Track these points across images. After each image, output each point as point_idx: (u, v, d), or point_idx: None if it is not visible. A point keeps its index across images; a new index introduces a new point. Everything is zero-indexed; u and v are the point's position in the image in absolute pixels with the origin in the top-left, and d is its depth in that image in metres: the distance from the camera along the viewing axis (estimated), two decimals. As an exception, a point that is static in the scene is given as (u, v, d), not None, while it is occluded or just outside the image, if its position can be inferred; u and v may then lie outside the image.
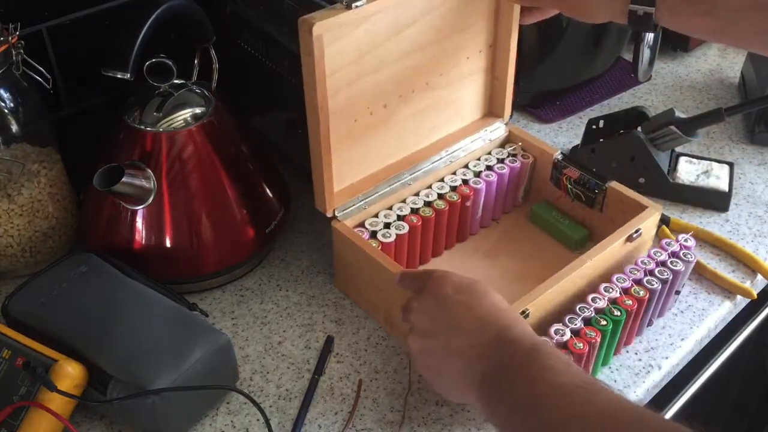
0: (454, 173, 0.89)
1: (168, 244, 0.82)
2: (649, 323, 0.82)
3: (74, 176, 0.89)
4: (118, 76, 0.73)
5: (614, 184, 0.86)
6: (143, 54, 0.75)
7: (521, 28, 0.88)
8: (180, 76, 0.82)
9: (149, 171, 0.79)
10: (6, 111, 0.80)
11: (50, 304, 0.74)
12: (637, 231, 0.80)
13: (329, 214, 0.81)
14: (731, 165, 1.00)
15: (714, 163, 1.00)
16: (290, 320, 0.83)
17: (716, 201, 0.97)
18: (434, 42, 0.83)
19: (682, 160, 1.01)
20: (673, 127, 0.93)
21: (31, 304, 0.75)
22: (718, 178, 0.98)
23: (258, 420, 0.73)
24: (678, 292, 0.83)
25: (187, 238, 0.82)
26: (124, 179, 0.75)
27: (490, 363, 0.59)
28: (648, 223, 0.81)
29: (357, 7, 0.71)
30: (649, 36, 1.01)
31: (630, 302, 0.74)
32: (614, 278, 0.76)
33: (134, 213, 0.81)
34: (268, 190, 0.89)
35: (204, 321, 0.76)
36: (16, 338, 0.71)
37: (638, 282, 0.77)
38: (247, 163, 0.87)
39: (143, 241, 0.82)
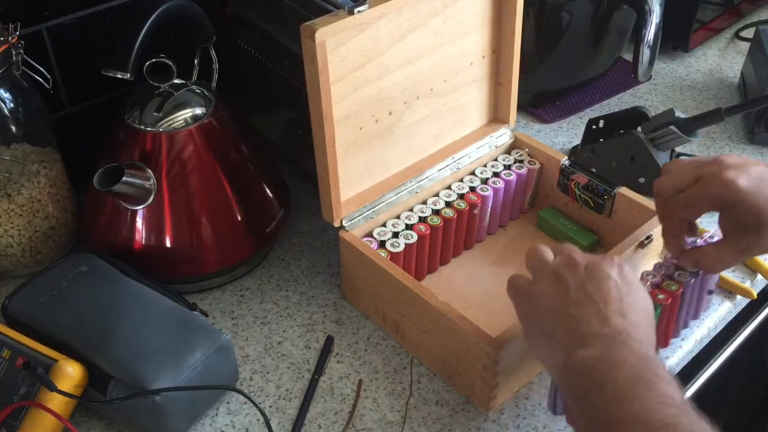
0: (461, 180, 0.89)
1: (168, 244, 0.82)
2: (685, 325, 0.80)
3: (74, 176, 0.89)
4: (118, 76, 0.74)
5: (623, 190, 0.85)
6: (143, 54, 0.75)
7: (522, 29, 0.88)
8: (180, 76, 0.82)
9: (149, 171, 0.79)
10: (6, 111, 0.80)
11: (50, 304, 0.75)
12: (648, 237, 0.79)
13: (336, 225, 0.81)
14: (731, 165, 1.00)
15: (714, 163, 1.00)
16: (290, 320, 0.83)
17: (716, 201, 0.97)
18: (437, 48, 0.83)
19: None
20: (673, 127, 0.93)
21: (31, 304, 0.75)
22: (718, 178, 0.98)
23: (258, 420, 0.73)
24: (711, 292, 0.81)
25: (187, 238, 0.82)
26: (124, 179, 0.75)
27: (608, 348, 0.55)
28: (659, 229, 0.81)
29: (359, 12, 0.71)
30: (650, 36, 1.01)
31: (663, 296, 0.72)
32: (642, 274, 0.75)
33: (134, 213, 0.81)
34: (268, 190, 0.89)
35: (204, 321, 0.76)
36: (16, 338, 0.71)
37: (669, 277, 0.75)
38: (247, 163, 0.87)
39: (143, 241, 0.82)
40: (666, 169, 0.71)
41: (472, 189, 0.88)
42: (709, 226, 0.83)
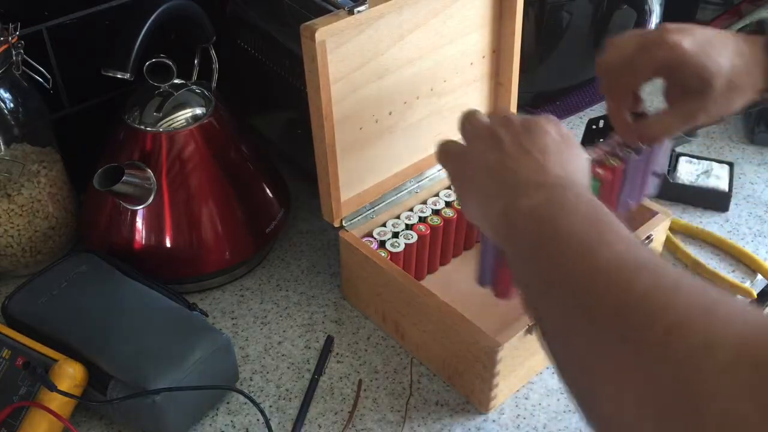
0: None
1: (168, 244, 0.82)
2: (626, 206, 0.76)
3: (74, 176, 0.89)
4: (118, 76, 0.74)
5: None
6: (143, 54, 0.75)
7: (522, 29, 0.88)
8: (180, 76, 0.82)
9: (149, 171, 0.79)
10: (6, 111, 0.80)
11: (50, 304, 0.75)
12: (648, 237, 0.79)
13: (336, 225, 0.81)
14: (731, 165, 1.00)
15: (714, 163, 1.00)
16: (290, 320, 0.83)
17: (716, 201, 0.97)
18: (438, 48, 0.83)
19: (682, 160, 1.01)
20: (673, 127, 0.93)
21: (31, 304, 0.75)
22: (718, 178, 0.98)
23: (258, 420, 0.73)
24: (657, 174, 0.78)
25: (187, 238, 0.82)
26: (124, 179, 0.75)
27: (554, 195, 0.50)
28: (659, 229, 0.81)
29: (359, 12, 0.71)
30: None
31: (603, 172, 0.70)
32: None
33: (134, 213, 0.81)
34: (268, 190, 0.89)
35: (204, 321, 0.76)
36: (16, 338, 0.71)
37: (613, 154, 0.71)
38: (247, 163, 0.87)
39: (143, 241, 0.82)
40: (609, 43, 0.68)
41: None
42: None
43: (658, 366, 0.36)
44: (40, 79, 0.81)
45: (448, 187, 0.88)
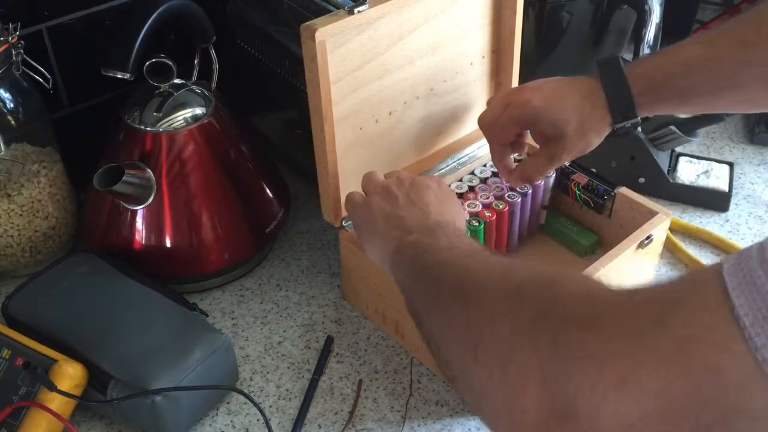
0: (461, 180, 0.89)
1: (168, 244, 0.82)
2: (521, 237, 0.88)
3: (74, 176, 0.89)
4: (118, 76, 0.74)
5: (624, 190, 0.85)
6: (143, 54, 0.75)
7: (522, 29, 0.88)
8: (180, 76, 0.82)
9: (149, 171, 0.79)
10: (6, 111, 0.80)
11: (50, 304, 0.75)
12: (648, 237, 0.79)
13: (336, 225, 0.81)
14: (731, 165, 1.00)
15: (714, 163, 1.00)
16: (290, 320, 0.83)
17: (716, 201, 0.97)
18: (438, 48, 0.83)
19: (682, 160, 1.01)
20: (673, 127, 0.93)
21: (31, 304, 0.75)
22: (718, 178, 0.98)
23: (258, 420, 0.73)
24: (545, 207, 0.88)
25: (187, 238, 0.82)
26: (124, 179, 0.75)
27: (430, 231, 0.64)
28: (659, 229, 0.81)
29: (359, 12, 0.71)
30: (650, 36, 1.01)
31: (489, 214, 0.81)
32: (478, 193, 0.84)
33: (134, 213, 0.81)
34: (268, 190, 0.89)
35: (204, 321, 0.76)
36: (16, 338, 0.71)
37: (500, 197, 0.84)
38: (247, 163, 0.87)
39: (143, 241, 0.82)
40: (487, 103, 0.81)
41: (471, 188, 0.88)
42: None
43: (472, 311, 0.48)
44: (40, 79, 0.81)
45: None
